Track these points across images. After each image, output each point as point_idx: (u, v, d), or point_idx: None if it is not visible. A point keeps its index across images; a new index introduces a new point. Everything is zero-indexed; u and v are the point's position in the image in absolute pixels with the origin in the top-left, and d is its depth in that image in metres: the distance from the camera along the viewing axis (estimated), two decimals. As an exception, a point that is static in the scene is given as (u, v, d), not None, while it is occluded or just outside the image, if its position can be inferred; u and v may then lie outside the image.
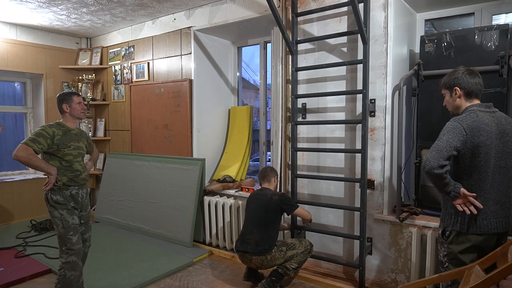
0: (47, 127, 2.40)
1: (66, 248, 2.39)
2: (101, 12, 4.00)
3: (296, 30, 3.03)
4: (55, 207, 2.40)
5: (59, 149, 2.41)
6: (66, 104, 2.50)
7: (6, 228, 4.30)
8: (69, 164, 2.46)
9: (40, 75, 4.80)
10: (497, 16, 2.75)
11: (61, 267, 2.39)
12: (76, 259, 2.42)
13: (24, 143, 2.28)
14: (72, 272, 2.40)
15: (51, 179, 2.37)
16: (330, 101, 2.99)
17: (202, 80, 3.97)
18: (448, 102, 1.93)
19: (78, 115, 2.55)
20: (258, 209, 2.76)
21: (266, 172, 2.93)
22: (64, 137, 2.44)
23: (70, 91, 2.67)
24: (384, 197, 2.73)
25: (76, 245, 2.42)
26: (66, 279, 2.38)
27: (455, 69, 1.91)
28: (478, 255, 1.77)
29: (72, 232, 2.41)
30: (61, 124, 2.50)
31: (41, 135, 2.33)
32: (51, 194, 2.40)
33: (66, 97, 2.52)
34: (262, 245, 2.62)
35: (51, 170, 2.36)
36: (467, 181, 1.79)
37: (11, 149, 4.99)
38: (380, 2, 2.67)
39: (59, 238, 2.41)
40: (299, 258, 2.70)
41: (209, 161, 3.98)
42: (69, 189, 2.46)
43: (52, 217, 2.42)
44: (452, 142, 1.73)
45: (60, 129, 2.45)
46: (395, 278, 2.73)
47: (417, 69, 2.64)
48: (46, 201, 2.42)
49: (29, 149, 2.27)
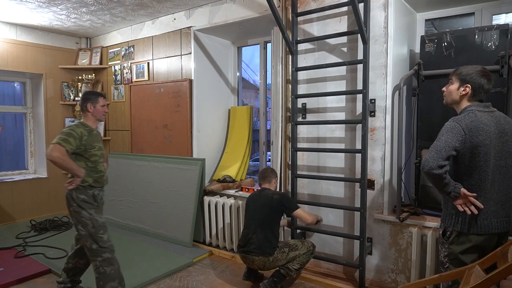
0: (74, 127, 2.37)
1: (98, 247, 2.38)
2: (101, 12, 4.00)
3: (296, 30, 3.02)
4: (82, 206, 2.36)
5: (86, 149, 2.39)
6: (91, 104, 2.47)
7: (6, 228, 4.30)
8: (94, 165, 2.45)
9: (40, 75, 4.79)
10: (497, 16, 2.75)
11: (99, 265, 2.37)
12: (110, 256, 2.42)
13: (57, 143, 2.23)
14: (111, 267, 2.40)
15: (76, 180, 2.34)
16: (330, 101, 2.99)
17: (202, 80, 3.97)
18: (451, 92, 1.89)
19: (100, 117, 2.53)
20: (260, 208, 2.75)
21: (267, 173, 2.92)
22: (89, 138, 2.42)
23: (96, 91, 2.61)
24: (384, 197, 2.73)
25: (107, 242, 2.42)
26: (107, 275, 2.38)
27: (476, 67, 1.84)
28: (478, 255, 1.77)
29: (102, 231, 2.41)
30: (85, 124, 2.46)
31: (71, 135, 2.30)
32: (76, 193, 2.36)
33: (93, 97, 2.49)
34: (266, 244, 2.62)
35: (81, 173, 2.34)
36: (467, 181, 1.79)
37: (11, 149, 5.04)
38: (380, 2, 2.66)
39: (88, 238, 2.36)
40: (301, 259, 2.69)
41: (209, 161, 3.97)
42: (92, 189, 2.44)
43: (80, 217, 2.36)
44: (451, 142, 1.72)
45: (85, 129, 2.42)
46: (395, 278, 2.72)
47: (417, 69, 2.63)
48: (71, 200, 2.37)
49: (62, 149, 2.23)
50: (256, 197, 2.84)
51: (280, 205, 2.72)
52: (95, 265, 2.39)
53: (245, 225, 2.83)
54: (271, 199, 2.74)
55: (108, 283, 2.39)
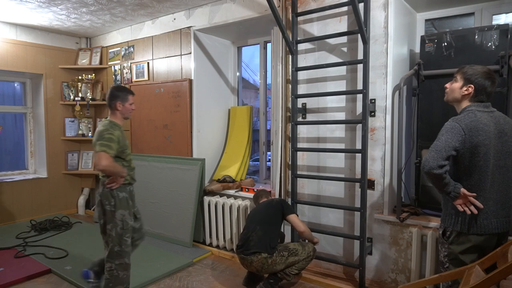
0: (111, 130, 2.30)
1: (120, 250, 2.35)
2: (100, 12, 4.00)
3: (296, 30, 3.02)
4: (119, 206, 2.34)
5: (123, 150, 2.37)
6: (121, 102, 2.41)
7: (6, 228, 4.30)
8: (128, 163, 2.44)
9: (39, 75, 4.79)
10: (497, 16, 2.74)
11: (114, 268, 2.35)
12: (128, 261, 2.42)
13: (104, 152, 2.18)
14: (125, 272, 2.40)
15: (120, 180, 2.32)
16: (330, 101, 2.99)
17: (202, 80, 3.97)
18: (454, 90, 1.88)
19: (128, 115, 2.48)
20: (261, 210, 2.83)
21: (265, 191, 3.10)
22: (123, 138, 2.39)
23: (125, 87, 2.55)
24: (384, 197, 2.73)
25: (128, 247, 2.42)
26: (119, 279, 2.37)
27: (484, 67, 1.83)
28: (478, 255, 1.77)
29: (128, 234, 2.39)
30: (116, 124, 2.41)
31: (112, 140, 2.25)
32: (117, 191, 2.34)
33: (122, 94, 2.42)
34: (266, 241, 2.61)
35: (125, 173, 2.34)
36: (467, 181, 1.79)
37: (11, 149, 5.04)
38: (380, 2, 2.66)
39: (114, 239, 2.34)
40: (300, 265, 2.66)
41: (209, 161, 3.97)
42: (129, 186, 2.44)
43: (112, 216, 2.33)
44: (451, 142, 1.72)
45: (119, 130, 2.38)
46: (395, 278, 2.72)
47: (417, 69, 2.63)
48: (110, 198, 2.33)
49: (109, 157, 2.20)
50: (256, 206, 2.96)
51: (280, 205, 2.77)
52: (110, 267, 2.36)
53: (244, 227, 2.84)
54: (271, 201, 2.86)
55: (118, 286, 2.38)
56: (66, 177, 5.09)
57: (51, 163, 4.91)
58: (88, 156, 5.19)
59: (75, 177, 5.19)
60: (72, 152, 5.12)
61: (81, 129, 5.07)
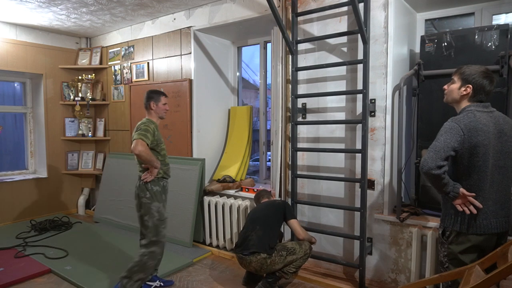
0: (147, 123, 2.53)
1: (156, 239, 2.53)
2: (100, 12, 4.00)
3: (296, 30, 3.02)
4: (154, 198, 2.53)
5: (158, 144, 2.59)
6: (154, 102, 2.64)
7: (6, 228, 4.30)
8: (163, 158, 2.64)
9: (39, 75, 4.79)
10: (497, 16, 2.74)
11: (145, 254, 2.51)
12: (160, 251, 2.59)
13: (140, 139, 2.41)
14: (152, 262, 2.55)
15: (154, 171, 2.53)
16: (330, 101, 2.99)
17: (202, 80, 3.97)
18: (452, 91, 1.88)
19: (161, 114, 2.69)
20: (262, 210, 2.84)
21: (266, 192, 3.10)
22: (158, 133, 2.61)
23: (159, 90, 2.80)
24: (384, 197, 2.73)
25: (163, 238, 2.59)
26: (146, 266, 2.51)
27: (481, 67, 1.83)
28: (478, 255, 1.77)
29: (164, 225, 2.58)
30: (152, 121, 2.62)
31: (147, 131, 2.48)
32: (151, 184, 2.54)
33: (155, 95, 2.66)
34: (266, 241, 2.62)
35: (158, 164, 2.54)
36: (466, 181, 1.79)
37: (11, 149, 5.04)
38: (380, 2, 2.66)
39: (152, 229, 2.52)
40: (298, 263, 2.67)
41: (209, 161, 3.97)
42: (162, 181, 2.63)
43: (149, 207, 2.52)
44: (450, 142, 1.72)
45: (155, 126, 2.60)
46: (395, 278, 2.72)
47: (418, 69, 2.63)
48: (145, 191, 2.52)
49: (144, 144, 2.42)
50: (257, 206, 2.95)
51: (282, 208, 2.79)
52: (143, 253, 2.52)
53: (243, 226, 2.84)
54: (273, 201, 2.87)
55: (140, 273, 2.50)
56: (66, 177, 5.09)
57: (51, 163, 4.91)
58: (88, 156, 5.19)
59: (75, 177, 5.19)
60: (72, 152, 5.12)
61: (81, 129, 5.07)
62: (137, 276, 2.48)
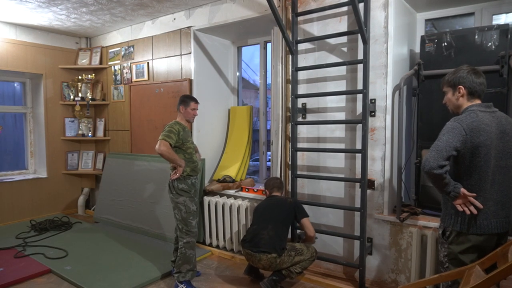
0: (172, 125, 2.76)
1: (187, 230, 2.75)
2: (100, 12, 4.00)
3: (296, 30, 3.02)
4: (180, 194, 2.75)
5: (183, 143, 2.78)
6: (183, 106, 2.88)
7: (6, 228, 4.30)
8: (190, 156, 2.82)
9: (39, 75, 4.79)
10: (497, 16, 2.74)
11: (182, 246, 2.74)
12: (194, 240, 2.80)
13: (163, 139, 2.64)
14: (191, 251, 2.76)
15: (179, 170, 2.71)
16: (330, 101, 2.99)
17: (202, 80, 3.97)
18: (450, 100, 1.91)
19: (189, 118, 2.92)
20: (273, 208, 2.84)
21: (281, 183, 3.07)
22: (184, 133, 2.80)
23: (191, 96, 3.08)
24: (384, 197, 2.73)
25: (194, 228, 2.79)
26: (186, 257, 2.73)
27: (460, 67, 1.88)
28: (478, 255, 1.76)
29: (192, 217, 2.78)
30: (179, 122, 2.85)
31: (172, 132, 2.70)
32: (177, 182, 2.75)
33: (186, 100, 2.89)
34: (277, 242, 2.64)
35: (182, 163, 2.72)
36: (467, 181, 1.78)
37: (11, 149, 5.04)
38: (380, 1, 2.66)
39: (181, 221, 2.75)
40: (304, 264, 2.71)
41: (209, 161, 3.97)
42: (190, 178, 2.81)
43: (176, 203, 2.75)
44: (452, 142, 1.72)
45: (180, 126, 2.81)
46: (395, 278, 2.72)
47: (418, 69, 2.63)
48: (172, 189, 2.76)
49: (167, 144, 2.64)
50: (268, 201, 2.94)
51: (294, 208, 2.81)
52: (181, 245, 2.75)
53: (253, 222, 2.86)
54: (285, 200, 2.87)
55: (185, 264, 2.72)
56: (66, 177, 5.09)
57: (51, 163, 4.91)
58: (88, 156, 5.19)
59: (75, 177, 5.19)
60: (72, 152, 5.12)
61: (81, 129, 5.07)
62: (185, 267, 2.72)
